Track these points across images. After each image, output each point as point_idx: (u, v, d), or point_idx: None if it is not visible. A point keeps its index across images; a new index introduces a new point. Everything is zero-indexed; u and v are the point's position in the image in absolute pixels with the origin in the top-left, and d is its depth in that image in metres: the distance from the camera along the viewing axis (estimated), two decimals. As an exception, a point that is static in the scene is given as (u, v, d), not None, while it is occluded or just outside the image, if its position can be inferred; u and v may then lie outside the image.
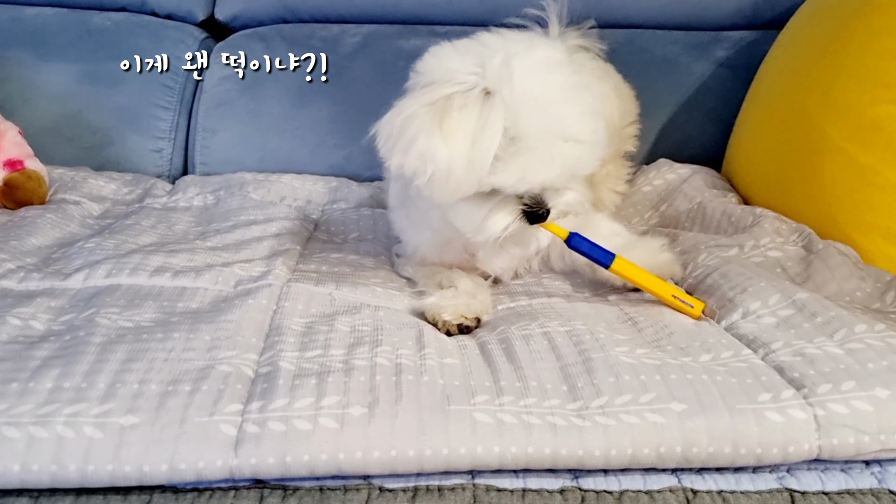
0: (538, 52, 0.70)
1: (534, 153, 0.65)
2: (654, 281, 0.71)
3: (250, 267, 0.79)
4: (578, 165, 0.68)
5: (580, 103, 0.68)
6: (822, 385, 0.55)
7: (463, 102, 0.66)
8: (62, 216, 0.97)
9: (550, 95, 0.67)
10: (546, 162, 0.66)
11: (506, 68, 0.66)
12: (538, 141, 0.65)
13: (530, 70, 0.67)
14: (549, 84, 0.68)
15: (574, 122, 0.67)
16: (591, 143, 0.68)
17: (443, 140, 0.65)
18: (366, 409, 0.52)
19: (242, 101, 1.32)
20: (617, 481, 0.53)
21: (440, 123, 0.65)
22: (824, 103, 0.87)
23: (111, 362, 0.56)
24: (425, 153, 0.65)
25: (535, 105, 0.66)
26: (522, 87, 0.66)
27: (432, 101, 0.66)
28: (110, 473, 0.49)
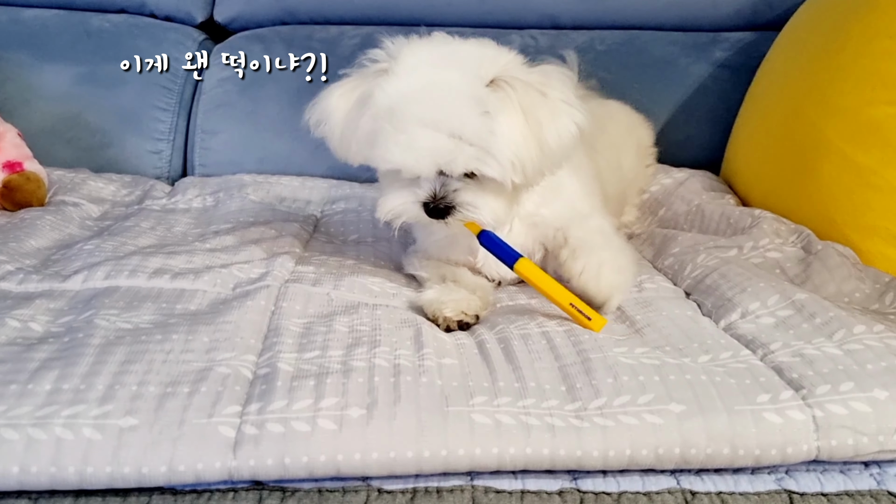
0: (445, 48, 0.72)
1: (399, 135, 0.67)
2: (554, 288, 0.69)
3: (249, 269, 0.79)
4: (449, 160, 0.67)
5: (469, 105, 0.67)
6: (820, 386, 0.55)
7: (361, 75, 0.73)
8: (61, 218, 0.97)
9: (428, 87, 0.68)
10: (407, 146, 0.67)
11: (400, 52, 0.70)
12: (406, 124, 0.66)
13: (422, 60, 0.70)
14: (433, 78, 0.69)
15: (446, 117, 0.66)
16: (473, 143, 0.66)
17: (336, 105, 0.73)
18: (364, 410, 0.52)
19: (241, 102, 1.32)
20: (615, 482, 0.53)
21: (343, 93, 0.73)
22: (822, 104, 0.87)
23: (110, 364, 0.56)
24: (322, 111, 0.74)
25: (407, 90, 0.68)
26: (404, 73, 0.69)
27: (356, 73, 0.73)
28: (109, 475, 0.49)
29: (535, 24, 1.40)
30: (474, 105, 0.67)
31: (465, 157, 0.67)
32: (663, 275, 0.84)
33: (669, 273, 0.84)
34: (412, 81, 0.68)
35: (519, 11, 1.39)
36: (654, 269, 0.87)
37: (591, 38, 1.36)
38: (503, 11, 1.39)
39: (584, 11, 1.38)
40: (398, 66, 0.69)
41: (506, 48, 0.75)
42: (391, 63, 0.70)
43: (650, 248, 0.93)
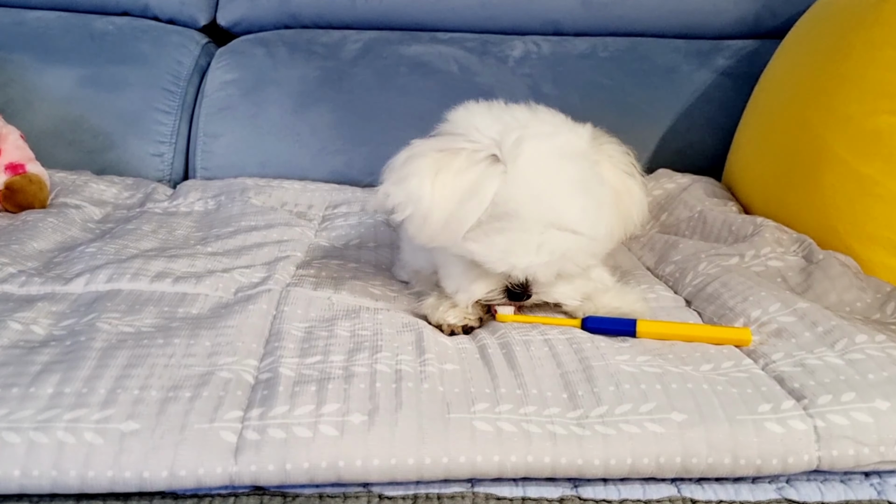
0: (558, 138, 0.68)
1: (522, 235, 0.64)
2: (688, 327, 0.68)
3: (250, 273, 0.79)
4: (570, 257, 0.66)
5: (587, 196, 0.66)
6: (822, 396, 0.55)
7: (466, 160, 0.66)
8: (63, 220, 0.97)
9: (555, 184, 0.65)
10: (532, 247, 0.64)
11: (517, 146, 0.65)
12: (530, 224, 0.64)
13: (541, 154, 0.66)
14: (557, 173, 0.66)
15: (573, 214, 0.64)
16: (589, 236, 0.65)
17: (432, 187, 0.65)
18: (366, 416, 0.52)
19: (244, 106, 1.33)
20: (616, 490, 0.53)
21: (437, 171, 0.66)
22: (825, 113, 0.87)
23: (112, 368, 0.56)
24: (412, 192, 0.66)
25: (535, 189, 0.64)
26: (527, 169, 0.64)
27: (442, 148, 0.67)
28: (110, 479, 0.49)
29: (537, 30, 1.40)
30: (593, 198, 0.66)
31: (586, 254, 0.66)
32: (664, 283, 0.84)
33: (670, 281, 0.84)
34: (537, 182, 0.65)
35: (522, 18, 1.40)
36: (654, 277, 0.87)
37: (593, 45, 1.37)
38: (506, 17, 1.40)
39: (586, 18, 1.38)
40: (518, 164, 0.65)
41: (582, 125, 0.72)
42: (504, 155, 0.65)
43: (651, 254, 0.93)
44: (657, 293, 0.80)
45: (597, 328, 0.67)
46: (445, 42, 1.38)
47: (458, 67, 1.35)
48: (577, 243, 0.65)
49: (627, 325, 0.67)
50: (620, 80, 1.33)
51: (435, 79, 1.34)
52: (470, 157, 0.66)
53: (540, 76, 1.34)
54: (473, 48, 1.37)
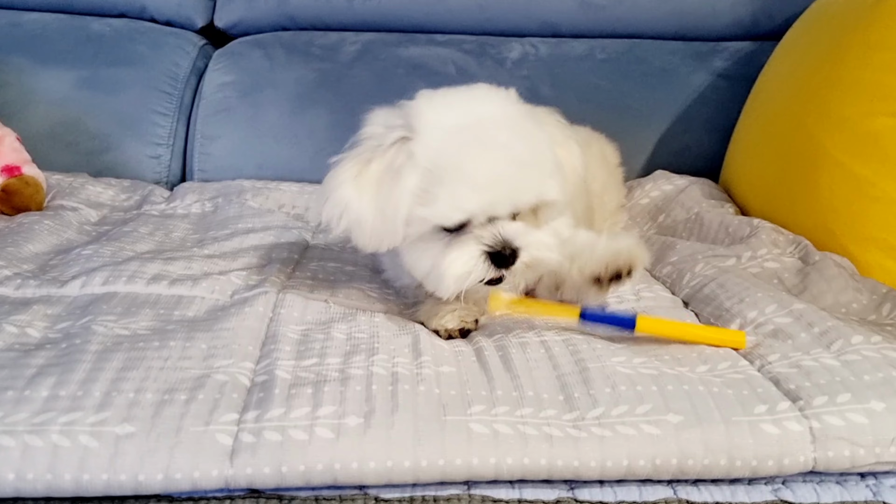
0: (461, 91, 0.68)
1: (461, 181, 0.62)
2: (685, 328, 0.67)
3: (247, 276, 0.79)
4: (522, 189, 0.64)
5: (512, 128, 0.65)
6: (817, 397, 0.55)
7: (374, 151, 0.66)
8: (59, 222, 0.97)
9: (470, 122, 0.64)
10: (478, 185, 0.62)
11: (420, 107, 0.66)
12: (465, 168, 0.62)
13: (447, 104, 0.66)
14: (469, 112, 0.65)
15: (502, 141, 0.63)
16: (535, 165, 0.64)
17: (356, 190, 0.65)
18: (362, 419, 0.52)
19: (241, 108, 1.33)
20: (613, 492, 0.53)
21: (356, 175, 0.65)
22: (821, 115, 0.87)
23: (107, 371, 0.56)
24: (339, 203, 0.65)
25: (455, 131, 0.63)
26: (439, 120, 0.64)
27: (355, 154, 0.67)
28: (105, 483, 0.48)
29: (535, 32, 1.40)
30: (522, 129, 0.65)
31: (538, 184, 0.64)
32: (661, 283, 0.84)
33: (668, 282, 0.84)
34: (454, 130, 0.64)
35: (519, 19, 1.40)
36: (652, 277, 0.87)
37: (591, 47, 1.37)
38: (504, 19, 1.40)
39: (584, 20, 1.39)
40: (423, 120, 0.64)
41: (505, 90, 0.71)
42: (411, 124, 0.65)
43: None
44: (655, 292, 0.80)
45: (595, 318, 0.65)
46: (443, 44, 1.39)
47: (455, 69, 1.35)
48: (525, 173, 0.63)
49: (627, 319, 0.65)
50: (618, 81, 1.33)
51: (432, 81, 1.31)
52: (377, 148, 0.66)
53: (538, 78, 1.34)
54: (471, 50, 1.37)
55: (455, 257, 0.64)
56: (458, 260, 0.64)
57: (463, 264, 0.64)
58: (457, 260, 0.64)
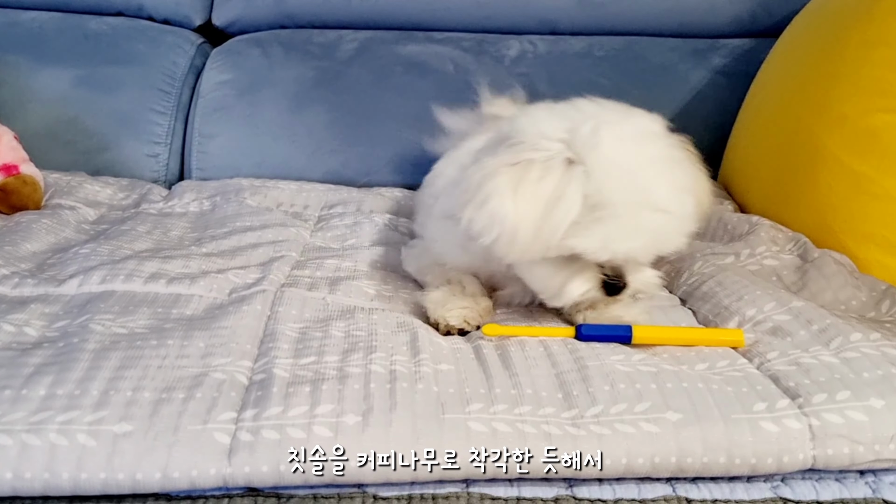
0: (632, 121, 0.68)
1: (619, 221, 0.63)
2: (682, 332, 0.68)
3: (245, 274, 0.79)
4: (665, 238, 0.66)
5: (671, 176, 0.66)
6: (817, 395, 0.55)
7: (542, 170, 0.64)
8: (57, 221, 0.97)
9: (640, 165, 0.64)
10: (631, 231, 0.64)
11: (594, 136, 0.64)
12: (624, 209, 0.63)
13: (620, 138, 0.65)
14: (640, 154, 0.65)
15: (663, 194, 0.64)
16: (679, 216, 0.65)
17: (514, 204, 0.64)
18: (360, 417, 0.52)
19: (239, 106, 1.32)
20: (611, 490, 0.53)
21: (515, 188, 0.64)
22: (820, 112, 0.87)
23: (105, 369, 0.56)
24: (495, 215, 0.64)
25: (623, 173, 0.64)
26: (609, 156, 0.64)
27: (514, 162, 0.65)
28: (103, 481, 0.48)
29: (534, 29, 1.40)
30: (676, 179, 0.66)
31: (678, 234, 0.66)
32: (659, 281, 0.84)
33: (665, 280, 0.83)
34: (621, 162, 0.64)
35: (518, 17, 1.40)
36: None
37: (589, 44, 1.37)
38: (502, 17, 1.40)
39: (582, 17, 1.38)
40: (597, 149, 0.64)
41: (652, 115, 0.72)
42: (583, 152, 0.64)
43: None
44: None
45: (591, 336, 0.66)
46: (441, 41, 1.38)
47: (453, 67, 1.34)
48: (670, 222, 0.65)
49: (622, 332, 0.66)
50: (616, 79, 1.33)
51: (431, 78, 1.33)
52: (544, 167, 0.64)
53: (536, 75, 1.33)
54: (469, 47, 1.36)
55: (577, 284, 0.67)
56: (579, 286, 0.67)
57: (580, 288, 0.67)
58: (577, 287, 0.67)
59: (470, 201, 0.66)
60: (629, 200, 0.63)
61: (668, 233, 0.66)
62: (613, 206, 0.63)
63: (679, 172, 0.68)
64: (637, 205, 0.63)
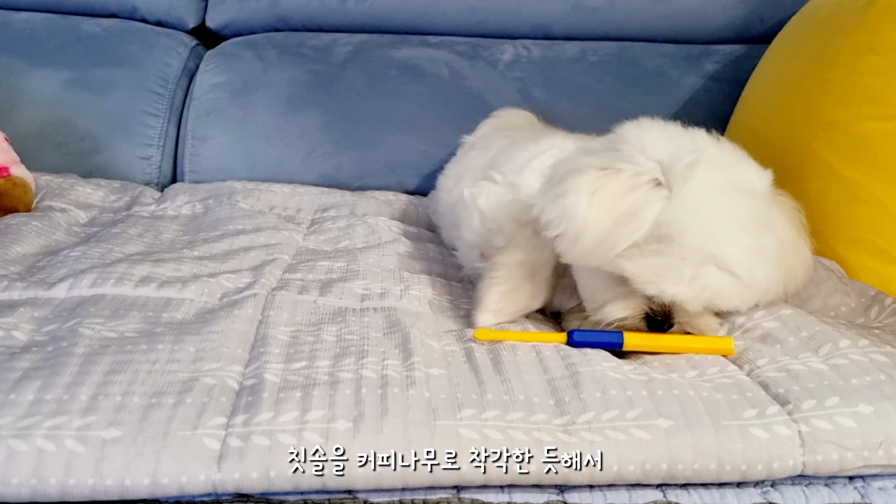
0: (736, 169, 0.65)
1: (676, 263, 0.60)
2: (673, 339, 0.66)
3: (237, 278, 0.79)
4: (722, 298, 0.62)
5: (753, 238, 0.62)
6: (806, 401, 0.56)
7: (627, 182, 0.62)
8: (48, 224, 0.96)
9: (722, 216, 0.62)
10: (686, 278, 0.60)
11: (689, 169, 0.62)
12: (687, 254, 0.60)
13: (714, 182, 0.62)
14: (727, 205, 0.62)
15: (735, 254, 0.61)
16: (744, 282, 0.62)
17: (588, 206, 0.62)
18: (351, 423, 0.51)
19: (233, 109, 1.32)
20: (602, 496, 0.53)
21: (595, 190, 0.62)
22: (811, 118, 0.87)
23: (94, 374, 0.55)
24: (567, 209, 0.63)
25: (701, 218, 0.61)
26: (695, 194, 0.61)
27: (603, 166, 0.64)
28: (91, 487, 0.48)
29: (528, 34, 1.40)
30: (757, 244, 0.62)
31: (736, 299, 0.63)
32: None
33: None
34: (705, 211, 0.61)
35: (511, 21, 1.40)
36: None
37: (583, 49, 1.37)
38: (496, 22, 1.40)
39: (576, 22, 1.39)
40: (687, 189, 0.61)
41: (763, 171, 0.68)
42: (672, 178, 0.62)
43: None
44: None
45: (583, 342, 0.65)
46: (435, 45, 1.38)
47: (447, 71, 1.34)
48: (732, 285, 0.61)
49: (614, 338, 0.65)
50: (610, 84, 1.33)
51: (425, 82, 1.33)
52: (631, 180, 0.62)
53: (530, 80, 1.34)
54: (464, 52, 1.37)
55: (618, 308, 0.65)
56: (619, 310, 0.65)
57: (620, 312, 0.65)
58: (618, 310, 0.65)
59: (549, 190, 0.66)
60: (695, 248, 0.60)
61: (727, 294, 0.62)
62: (678, 247, 0.60)
63: (766, 238, 0.63)
64: (702, 255, 0.60)
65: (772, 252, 0.64)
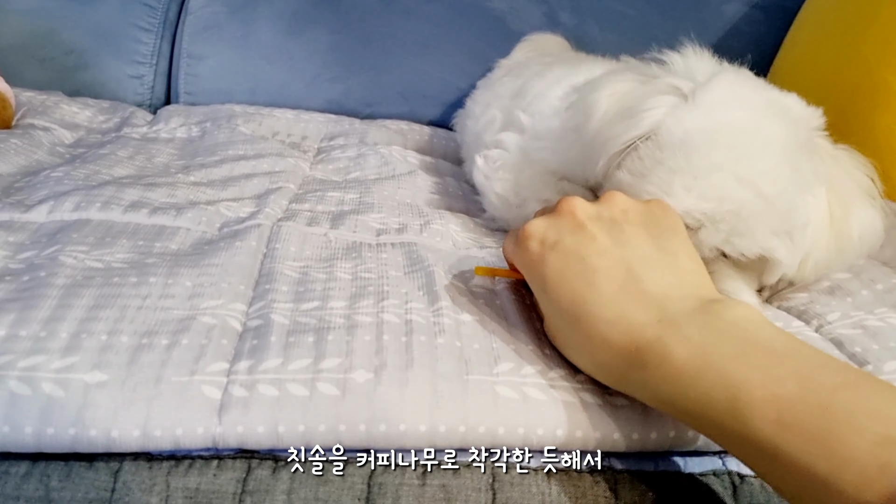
0: (775, 93, 0.58)
1: (687, 173, 0.51)
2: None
3: (238, 207, 0.71)
4: (745, 223, 0.51)
5: (788, 162, 0.52)
6: (888, 362, 0.49)
7: (648, 84, 0.57)
8: (29, 142, 0.87)
9: (750, 132, 0.52)
10: (696, 189, 0.51)
11: (715, 79, 0.55)
12: (701, 163, 0.51)
13: (742, 95, 0.55)
14: (757, 123, 0.53)
15: (759, 167, 0.51)
16: (777, 209, 0.51)
17: (607, 99, 0.58)
18: (372, 374, 0.45)
19: (232, 25, 1.22)
20: (652, 462, 0.47)
21: (618, 91, 0.58)
22: (880, 45, 0.78)
23: (76, 308, 0.48)
24: (588, 105, 0.59)
25: (720, 129, 0.52)
26: (718, 105, 0.53)
27: (639, 75, 0.59)
28: (73, 438, 0.42)
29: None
30: (792, 169, 0.52)
31: (763, 228, 0.51)
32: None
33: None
34: (724, 120, 0.53)
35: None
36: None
37: (615, -30, 1.25)
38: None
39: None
40: (706, 95, 0.54)
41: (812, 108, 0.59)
42: (691, 85, 0.55)
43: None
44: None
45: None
46: (454, -39, 1.26)
47: (468, -10, 1.23)
48: (759, 207, 0.51)
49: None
50: (644, 10, 1.23)
51: (442, 2, 1.22)
52: (653, 83, 0.57)
53: (557, 3, 1.23)
54: (486, -30, 1.25)
55: None
56: None
57: None
58: None
59: (589, 86, 0.61)
60: (710, 158, 0.51)
61: (753, 218, 0.51)
62: (690, 155, 0.51)
63: (808, 168, 0.54)
64: (718, 165, 0.51)
65: (819, 193, 0.55)
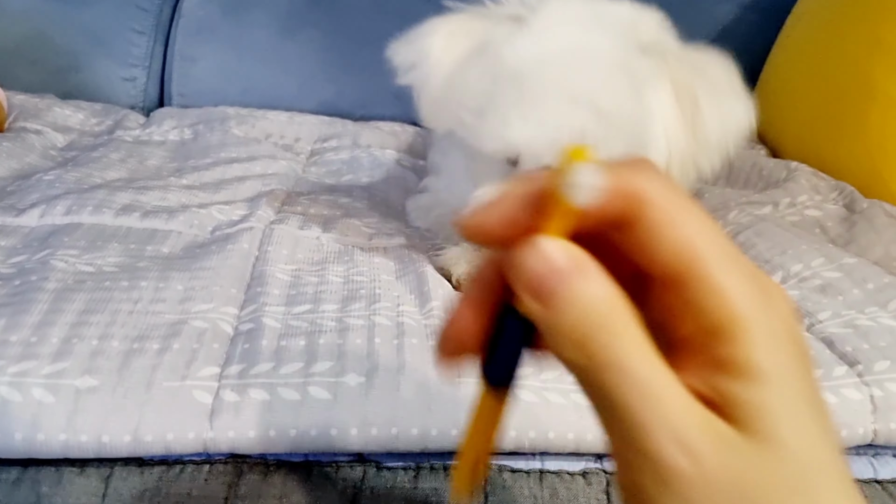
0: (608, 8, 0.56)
1: (529, 108, 0.50)
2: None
3: (230, 210, 0.71)
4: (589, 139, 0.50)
5: (628, 75, 0.52)
6: (878, 361, 0.49)
7: (486, 18, 0.55)
8: (21, 145, 0.87)
9: (578, 50, 0.52)
10: (539, 122, 0.50)
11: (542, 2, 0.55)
12: (540, 94, 0.50)
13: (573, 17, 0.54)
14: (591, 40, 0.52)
15: (594, 88, 0.50)
16: (617, 122, 0.51)
17: (444, 47, 0.55)
18: (363, 377, 0.45)
19: (225, 27, 1.21)
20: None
21: (453, 31, 0.55)
22: (871, 45, 0.79)
23: (67, 313, 0.48)
24: (420, 51, 0.56)
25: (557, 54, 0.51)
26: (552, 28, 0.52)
27: (471, 12, 0.57)
28: (63, 444, 0.42)
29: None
30: (627, 77, 0.52)
31: (614, 144, 0.50)
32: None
33: None
34: (554, 42, 0.52)
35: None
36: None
37: (608, -29, 1.26)
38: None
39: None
40: (537, 20, 0.53)
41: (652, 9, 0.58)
42: (526, 12, 0.54)
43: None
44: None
45: None
46: (448, -39, 1.26)
47: (460, -9, 1.23)
48: (598, 123, 0.50)
49: None
50: (637, 10, 1.22)
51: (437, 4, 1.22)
52: (485, 13, 0.55)
53: (549, 4, 1.23)
54: (478, -29, 1.25)
55: (481, 193, 0.54)
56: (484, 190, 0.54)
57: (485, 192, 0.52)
58: (483, 190, 0.54)
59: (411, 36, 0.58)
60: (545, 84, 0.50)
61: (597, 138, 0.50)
62: (525, 87, 0.50)
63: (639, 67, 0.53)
64: (556, 94, 0.50)
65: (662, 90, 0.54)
